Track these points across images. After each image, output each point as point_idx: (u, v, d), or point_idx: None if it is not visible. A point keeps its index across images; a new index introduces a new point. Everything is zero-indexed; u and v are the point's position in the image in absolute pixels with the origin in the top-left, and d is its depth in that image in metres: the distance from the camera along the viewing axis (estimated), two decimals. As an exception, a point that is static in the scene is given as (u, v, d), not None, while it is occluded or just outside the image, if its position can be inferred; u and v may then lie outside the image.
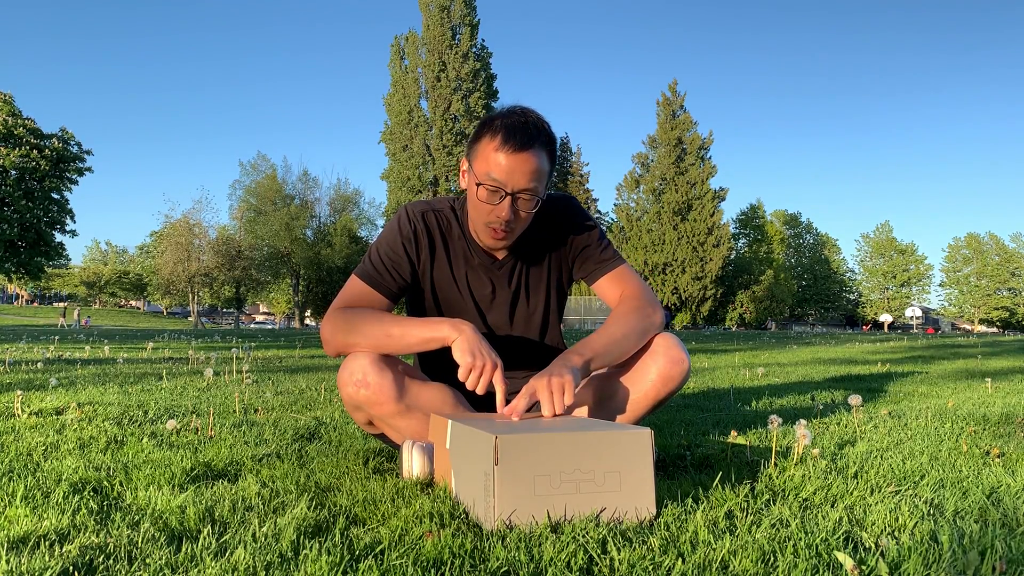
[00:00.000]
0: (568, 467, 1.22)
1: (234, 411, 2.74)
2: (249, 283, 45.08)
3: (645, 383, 1.59)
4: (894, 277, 70.68)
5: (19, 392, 2.87)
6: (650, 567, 1.00)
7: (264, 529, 1.16)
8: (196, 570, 0.99)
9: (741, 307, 48.88)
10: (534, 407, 1.46)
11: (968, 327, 66.54)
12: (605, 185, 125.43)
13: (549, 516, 1.20)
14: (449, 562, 1.01)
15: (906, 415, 2.67)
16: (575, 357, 1.49)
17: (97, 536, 1.13)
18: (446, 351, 1.55)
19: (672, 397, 1.65)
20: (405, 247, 1.65)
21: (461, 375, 1.44)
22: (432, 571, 0.99)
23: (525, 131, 1.49)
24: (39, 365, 5.17)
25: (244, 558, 1.02)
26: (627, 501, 1.24)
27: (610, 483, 1.23)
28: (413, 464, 1.54)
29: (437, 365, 1.72)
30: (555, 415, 1.41)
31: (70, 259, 44.61)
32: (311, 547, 1.06)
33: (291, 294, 49.91)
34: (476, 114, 44.10)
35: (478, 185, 1.52)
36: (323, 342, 1.62)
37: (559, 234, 1.72)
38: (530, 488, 1.20)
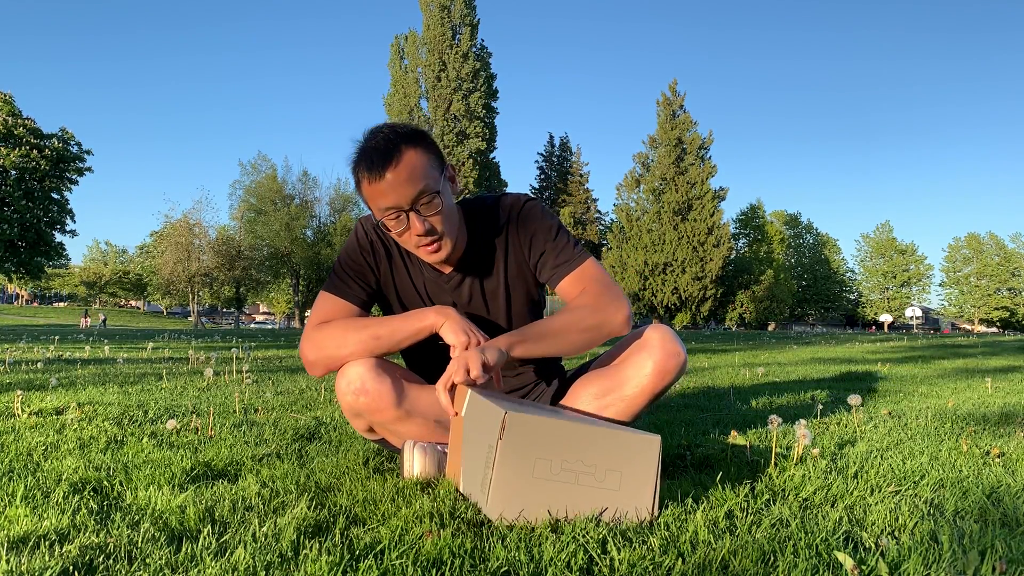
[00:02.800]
0: (571, 457, 1.22)
1: (234, 411, 2.74)
2: (249, 283, 45.04)
3: (641, 377, 1.59)
4: (894, 277, 70.64)
5: (19, 392, 2.87)
6: (650, 567, 1.00)
7: (264, 529, 1.16)
8: (196, 570, 0.99)
9: (741, 307, 48.82)
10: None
11: (968, 327, 66.50)
12: (605, 185, 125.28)
13: (548, 504, 1.20)
14: (449, 562, 1.01)
15: (906, 415, 2.66)
16: (502, 339, 1.47)
17: (97, 536, 1.13)
18: (436, 352, 1.55)
19: (668, 390, 1.65)
20: (364, 258, 1.65)
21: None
22: (432, 571, 0.99)
23: (377, 150, 1.45)
24: (39, 365, 5.17)
25: (244, 558, 1.02)
26: (625, 503, 1.24)
27: (610, 481, 1.23)
28: (414, 463, 1.54)
29: (427, 364, 1.72)
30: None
31: (70, 259, 44.67)
32: (311, 547, 1.06)
33: (291, 294, 49.90)
34: (476, 114, 44.10)
35: (381, 223, 1.51)
36: (307, 365, 1.58)
37: (515, 238, 1.66)
38: (529, 469, 1.21)
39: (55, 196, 35.29)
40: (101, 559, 1.02)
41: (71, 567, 0.99)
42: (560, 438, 1.23)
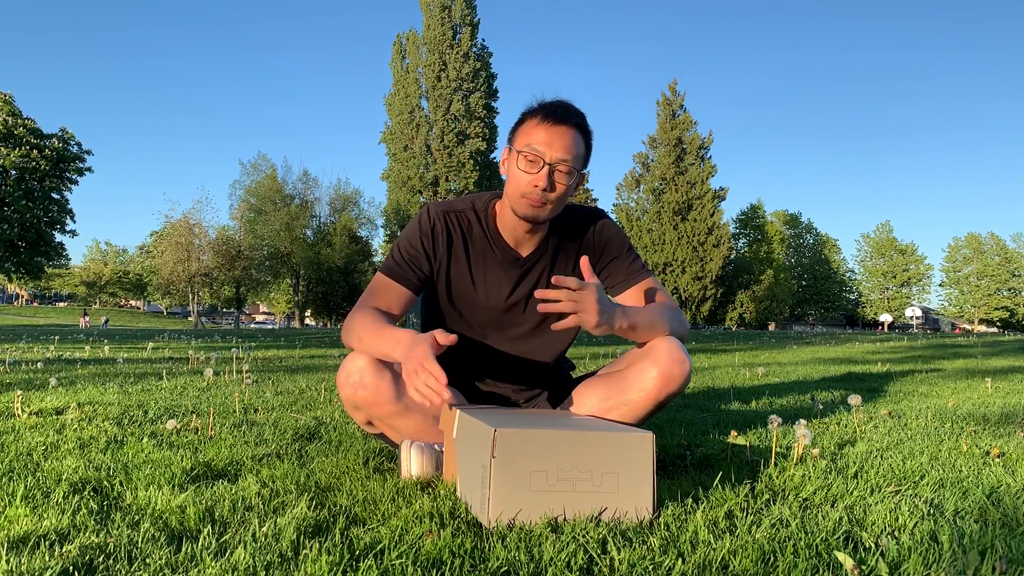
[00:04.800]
0: (565, 465, 1.22)
1: (234, 411, 2.74)
2: (249, 283, 45.01)
3: (646, 382, 1.59)
4: (894, 277, 70.62)
5: (19, 392, 2.87)
6: (650, 567, 1.00)
7: (264, 529, 1.16)
8: (196, 570, 0.99)
9: (741, 307, 48.82)
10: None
11: (968, 327, 66.46)
12: (605, 185, 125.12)
13: (548, 515, 1.20)
14: (449, 562, 1.01)
15: (906, 415, 2.66)
16: (623, 320, 1.53)
17: (97, 536, 1.13)
18: (447, 353, 1.55)
19: (673, 399, 1.65)
20: (423, 242, 1.69)
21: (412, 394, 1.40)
22: (432, 571, 0.99)
23: (564, 109, 1.61)
24: (39, 365, 5.18)
25: (244, 558, 1.02)
26: (624, 503, 1.24)
27: (607, 484, 1.23)
28: (412, 464, 1.55)
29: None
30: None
31: (70, 259, 44.62)
32: (311, 547, 1.06)
33: (291, 294, 49.88)
34: (477, 114, 44.07)
35: (519, 154, 1.59)
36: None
37: (588, 247, 1.75)
38: (525, 483, 1.20)
39: (55, 196, 35.28)
40: (101, 559, 1.02)
41: (71, 567, 0.99)
42: (553, 448, 1.22)
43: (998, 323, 66.15)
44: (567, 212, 1.75)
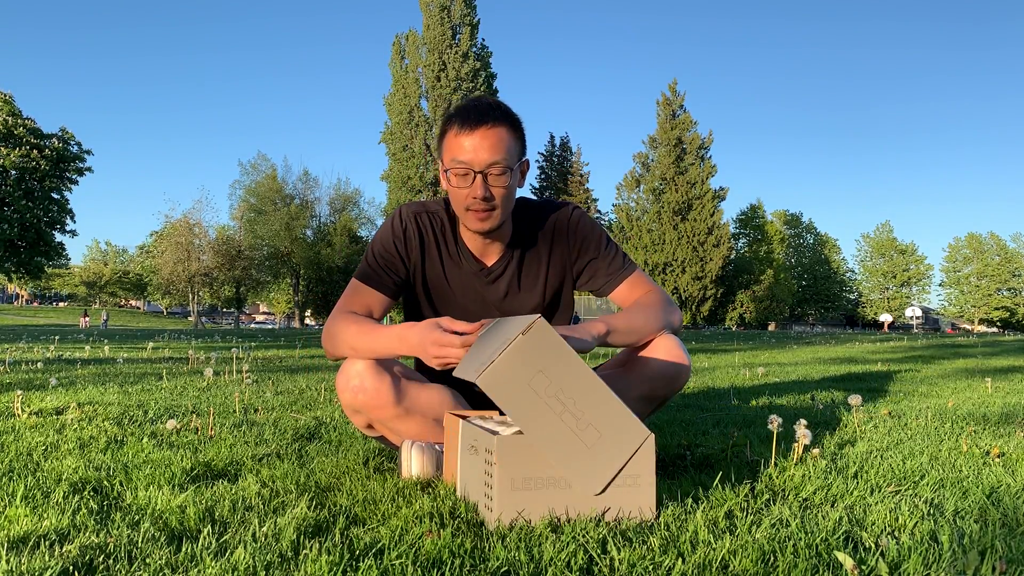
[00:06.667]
0: (568, 390, 1.22)
1: (234, 411, 2.74)
2: (249, 283, 45.05)
3: (644, 381, 1.59)
4: (894, 277, 70.63)
5: (19, 392, 2.87)
6: (650, 567, 1.00)
7: (264, 529, 1.16)
8: (196, 570, 0.99)
9: (741, 307, 48.82)
10: None
11: (968, 327, 66.43)
12: (605, 185, 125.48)
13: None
14: (449, 562, 1.01)
15: (906, 415, 2.66)
16: (599, 325, 1.51)
17: (97, 536, 1.13)
18: None
19: (672, 397, 1.65)
20: (396, 246, 1.67)
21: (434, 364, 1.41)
22: (432, 571, 0.99)
23: (478, 110, 1.52)
24: (39, 365, 5.18)
25: (244, 558, 1.02)
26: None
27: (587, 436, 1.23)
28: (412, 464, 1.55)
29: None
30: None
31: (70, 259, 44.71)
32: (311, 547, 1.06)
33: (291, 294, 49.91)
34: (476, 114, 44.10)
35: (447, 172, 1.54)
36: (323, 344, 1.66)
37: (562, 243, 1.71)
38: (530, 374, 1.20)
39: (55, 196, 35.32)
40: (101, 559, 1.02)
41: (71, 567, 0.99)
42: (570, 371, 1.21)
43: (998, 323, 66.13)
44: (535, 210, 1.70)
